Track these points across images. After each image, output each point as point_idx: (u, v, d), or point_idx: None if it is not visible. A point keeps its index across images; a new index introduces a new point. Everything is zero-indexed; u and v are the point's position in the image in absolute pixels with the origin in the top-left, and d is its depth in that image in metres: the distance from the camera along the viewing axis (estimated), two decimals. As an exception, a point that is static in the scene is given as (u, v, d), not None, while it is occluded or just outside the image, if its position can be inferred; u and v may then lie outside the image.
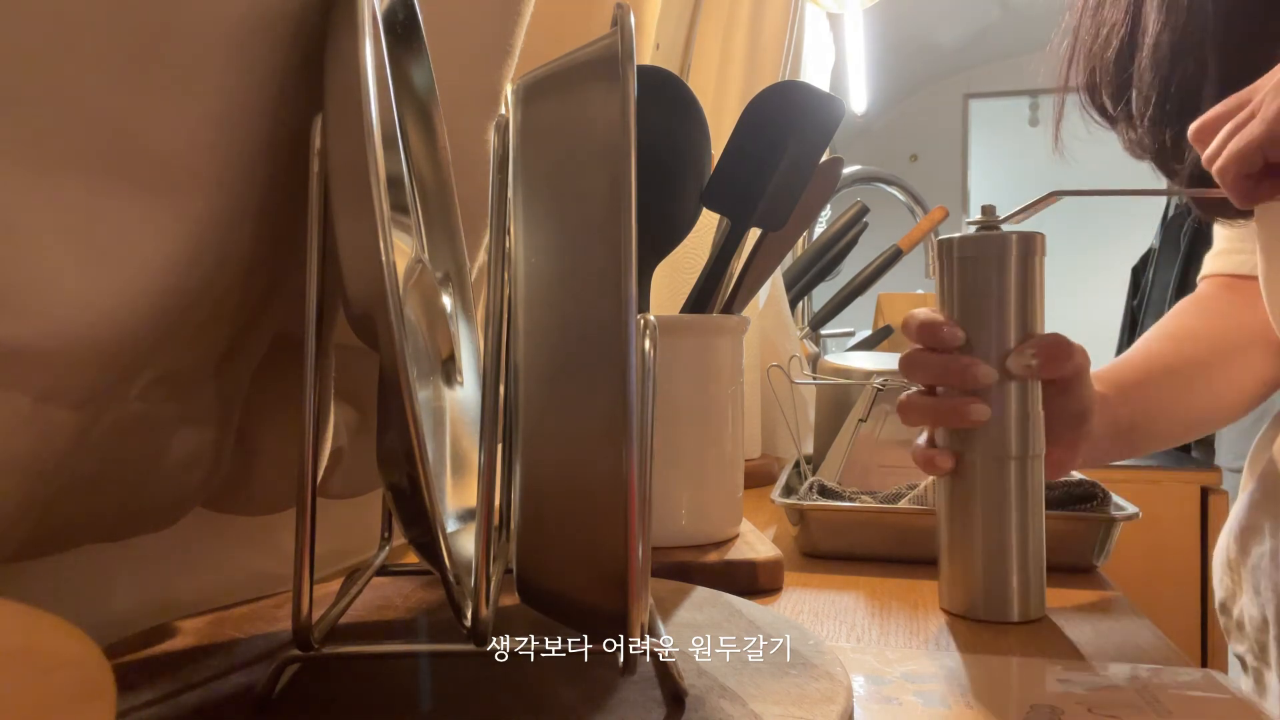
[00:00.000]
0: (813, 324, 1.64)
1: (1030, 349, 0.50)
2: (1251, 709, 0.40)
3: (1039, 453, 0.51)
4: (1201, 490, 1.89)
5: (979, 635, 0.49)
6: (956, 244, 0.52)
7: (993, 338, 0.51)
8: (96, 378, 0.29)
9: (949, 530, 0.53)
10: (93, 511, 0.34)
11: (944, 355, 0.51)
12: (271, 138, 0.32)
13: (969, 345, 0.51)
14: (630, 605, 0.28)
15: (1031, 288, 0.51)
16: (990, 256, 0.51)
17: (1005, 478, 0.51)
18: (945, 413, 0.51)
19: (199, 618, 0.42)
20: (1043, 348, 0.50)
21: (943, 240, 0.53)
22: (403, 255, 0.38)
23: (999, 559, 0.51)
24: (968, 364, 0.50)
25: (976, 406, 0.50)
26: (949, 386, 0.52)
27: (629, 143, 0.29)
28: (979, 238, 0.52)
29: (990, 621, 0.51)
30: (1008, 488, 0.51)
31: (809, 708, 0.32)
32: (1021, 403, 0.51)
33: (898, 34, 3.11)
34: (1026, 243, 0.51)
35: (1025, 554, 0.51)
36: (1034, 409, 0.51)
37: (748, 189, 0.61)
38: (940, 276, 0.53)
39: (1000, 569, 0.51)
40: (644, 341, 0.31)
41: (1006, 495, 0.51)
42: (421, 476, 0.29)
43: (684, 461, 0.61)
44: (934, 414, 0.52)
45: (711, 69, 1.07)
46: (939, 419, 0.52)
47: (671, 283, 0.86)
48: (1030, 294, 0.51)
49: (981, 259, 0.51)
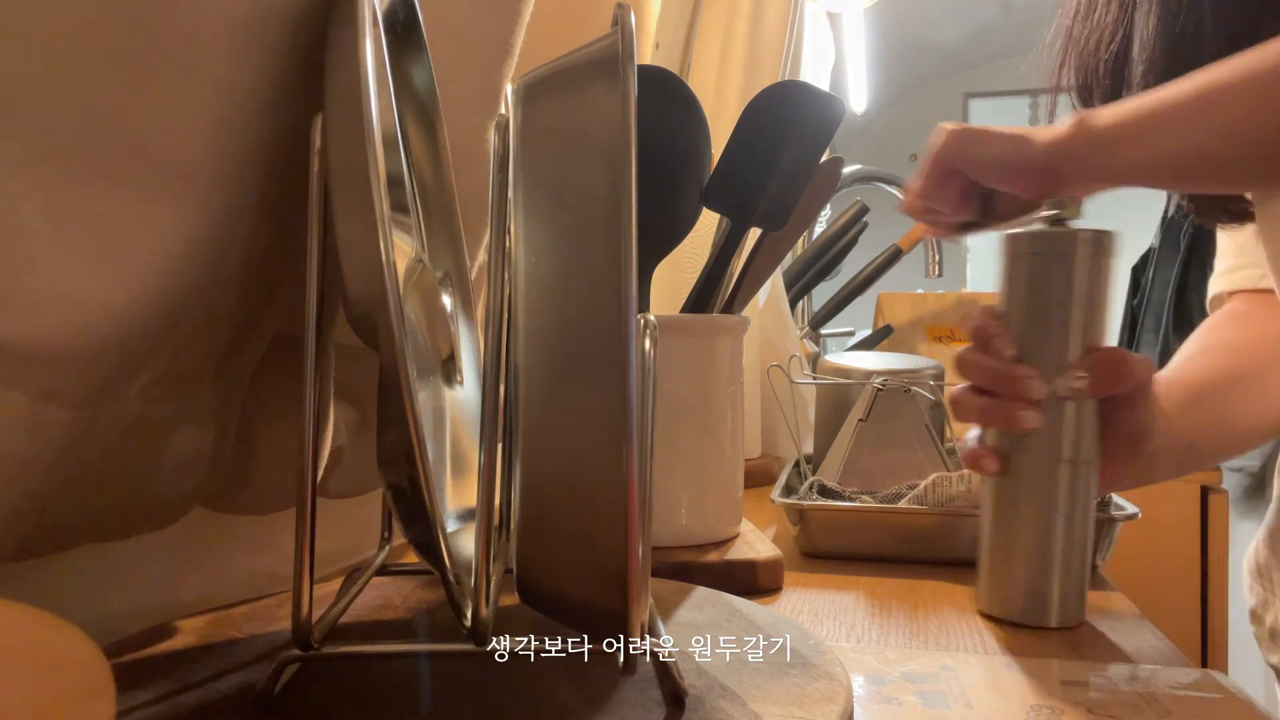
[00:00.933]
0: (813, 323, 1.64)
1: (1080, 370, 0.49)
2: (1251, 709, 0.40)
3: (1091, 459, 0.50)
4: (1201, 490, 1.89)
5: (983, 634, 0.49)
6: (1022, 239, 0.50)
7: (1051, 347, 0.49)
8: (96, 377, 0.29)
9: (993, 532, 0.52)
10: (93, 511, 0.34)
11: (999, 361, 0.50)
12: (271, 138, 0.32)
13: (1025, 350, 0.49)
14: (630, 605, 0.28)
15: (1097, 292, 0.49)
16: (1056, 255, 0.49)
17: (1055, 481, 0.49)
18: (995, 415, 0.50)
19: (199, 618, 0.42)
20: (1095, 367, 0.49)
21: (1010, 235, 0.51)
22: (403, 255, 0.38)
23: (1043, 563, 0.50)
24: (1022, 376, 0.49)
25: (1027, 414, 0.49)
26: (998, 392, 0.50)
27: (629, 143, 0.29)
28: (1047, 234, 0.49)
29: (1028, 626, 0.50)
30: (1057, 491, 0.49)
31: (809, 708, 0.32)
32: (1077, 407, 0.49)
33: (898, 33, 3.11)
34: (1097, 242, 0.49)
35: (1070, 560, 0.50)
36: (1090, 414, 0.49)
37: (747, 189, 0.61)
38: (1003, 273, 0.51)
39: (1043, 574, 0.50)
40: (644, 341, 0.31)
41: (1055, 499, 0.49)
42: (421, 476, 0.29)
43: (684, 461, 0.61)
44: (984, 414, 0.51)
45: (711, 69, 1.07)
46: (988, 420, 0.51)
47: (671, 283, 0.86)
48: (1095, 299, 0.49)
49: (1047, 257, 0.49)
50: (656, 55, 1.01)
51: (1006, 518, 0.51)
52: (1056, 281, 0.49)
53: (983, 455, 0.51)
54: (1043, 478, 0.50)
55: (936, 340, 1.44)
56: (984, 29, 3.60)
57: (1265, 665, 0.73)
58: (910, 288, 1.57)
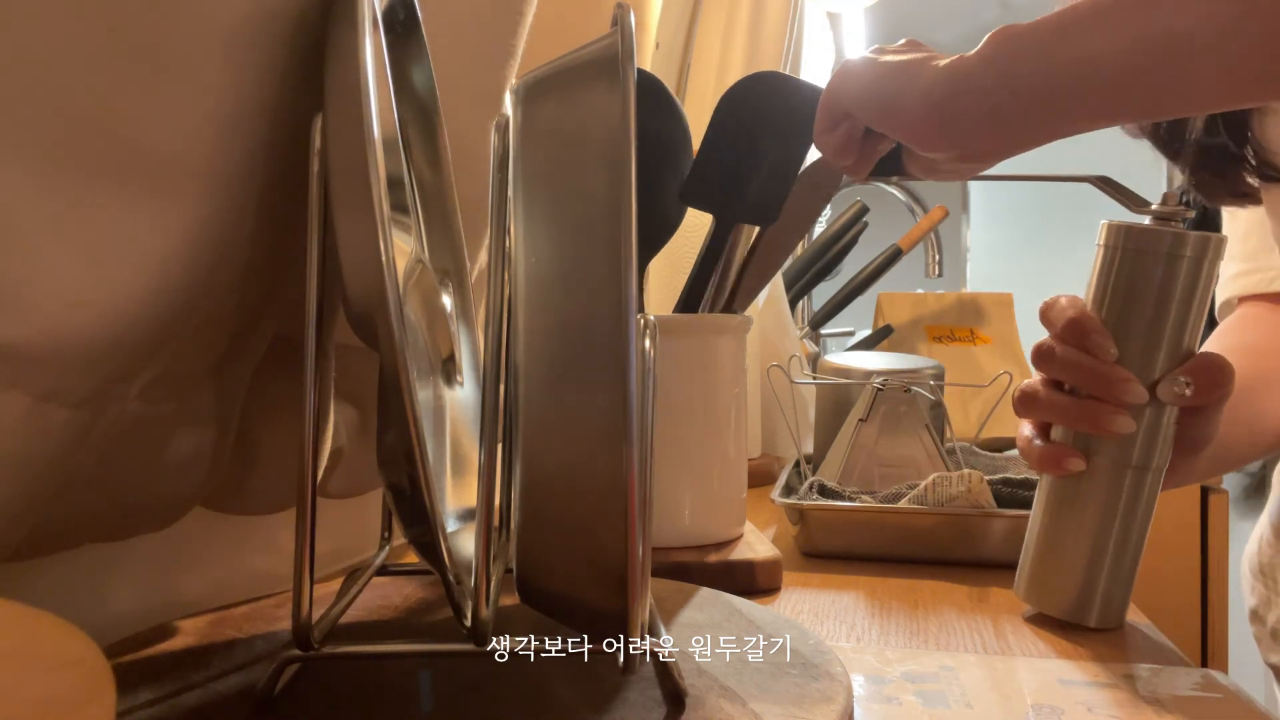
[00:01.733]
0: (813, 324, 1.64)
1: (1185, 376, 0.46)
2: (1252, 709, 0.40)
3: (1162, 465, 0.48)
4: (1202, 490, 1.89)
5: (983, 634, 0.49)
6: (1125, 232, 0.47)
7: (1144, 350, 0.47)
8: (96, 378, 0.29)
9: (1050, 526, 0.50)
10: (93, 511, 0.34)
11: (1093, 359, 0.47)
12: (271, 138, 0.31)
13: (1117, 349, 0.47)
14: (630, 605, 0.28)
15: (1194, 298, 0.46)
16: (1159, 254, 0.46)
17: (1123, 486, 0.48)
18: (1085, 416, 0.47)
19: (199, 618, 0.42)
20: (1199, 374, 0.46)
21: (1112, 225, 0.48)
22: (403, 255, 0.38)
23: (1098, 565, 0.49)
24: (1123, 380, 0.46)
25: (1124, 419, 0.46)
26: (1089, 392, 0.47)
27: (629, 143, 0.29)
28: (1150, 230, 0.47)
29: (1068, 623, 0.50)
30: (1123, 496, 0.48)
31: (809, 708, 0.32)
32: (1157, 412, 0.47)
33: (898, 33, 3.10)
34: (1201, 245, 0.46)
35: (1126, 565, 0.49)
36: (1168, 421, 0.48)
37: (728, 184, 0.60)
38: (1098, 265, 0.49)
39: (1096, 575, 0.49)
40: (644, 341, 0.31)
41: (1119, 504, 0.48)
42: (422, 476, 0.29)
43: (688, 462, 0.61)
44: (1071, 414, 0.48)
45: (711, 69, 1.07)
46: (1075, 420, 0.48)
47: (671, 283, 0.86)
48: (1192, 305, 0.46)
49: (1149, 254, 0.46)
50: (656, 55, 1.01)
51: (1068, 516, 0.49)
52: (1161, 283, 0.46)
53: (1066, 455, 0.48)
54: (1112, 482, 0.48)
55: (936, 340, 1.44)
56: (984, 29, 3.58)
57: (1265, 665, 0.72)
58: (910, 288, 1.56)
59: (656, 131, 0.59)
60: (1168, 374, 0.47)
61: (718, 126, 0.59)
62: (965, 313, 1.47)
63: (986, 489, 0.65)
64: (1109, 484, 0.48)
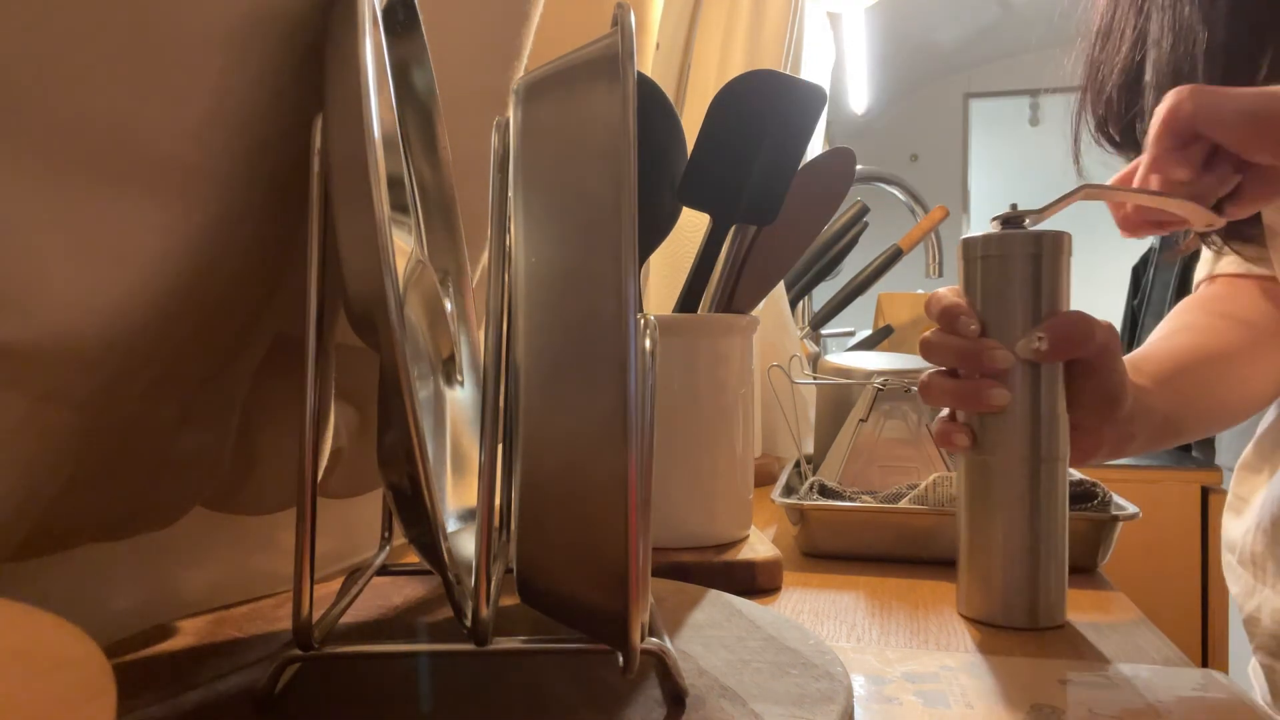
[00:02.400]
0: (813, 324, 1.64)
1: (1039, 331, 0.48)
2: (1252, 709, 0.40)
3: (1062, 455, 0.50)
4: (1201, 490, 1.90)
5: (983, 634, 0.49)
6: (980, 243, 0.51)
7: (1012, 331, 0.49)
8: (96, 378, 0.29)
9: (968, 534, 0.52)
10: (93, 511, 0.34)
11: (963, 339, 0.50)
12: (271, 138, 0.31)
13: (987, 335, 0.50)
14: (630, 605, 0.28)
15: (1057, 288, 0.49)
16: (1013, 255, 0.49)
17: (1025, 480, 0.49)
18: (965, 394, 0.50)
19: (199, 618, 0.42)
20: (1053, 328, 0.48)
21: (967, 240, 0.51)
22: (403, 255, 0.38)
23: (1018, 565, 0.50)
24: (986, 347, 0.49)
25: (997, 391, 0.49)
26: (968, 370, 0.51)
27: (629, 143, 0.29)
28: (1002, 236, 0.50)
29: (1008, 628, 0.50)
30: (1027, 491, 0.49)
31: (809, 708, 0.32)
32: (1046, 401, 0.49)
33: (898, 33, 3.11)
34: (1053, 242, 0.49)
35: (1045, 559, 0.50)
36: (1058, 408, 0.50)
37: (725, 183, 0.60)
38: (963, 276, 0.52)
39: (1018, 575, 0.50)
40: (644, 341, 0.31)
41: (1025, 498, 0.49)
42: (422, 476, 0.29)
43: (695, 463, 0.61)
44: (954, 395, 0.51)
45: (711, 69, 1.07)
46: (959, 400, 0.51)
47: (671, 283, 0.86)
48: (1055, 293, 0.49)
49: (1004, 258, 0.50)
50: (657, 55, 1.01)
51: (980, 520, 0.51)
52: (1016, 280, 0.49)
53: (954, 431, 0.51)
54: (1013, 478, 0.50)
55: (937, 340, 1.45)
56: (984, 29, 3.60)
57: None
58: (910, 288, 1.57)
59: (649, 129, 0.59)
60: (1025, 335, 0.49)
61: (712, 126, 0.59)
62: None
63: (987, 489, 0.65)
64: (1014, 480, 0.49)
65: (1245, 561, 0.71)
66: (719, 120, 0.59)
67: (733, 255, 0.63)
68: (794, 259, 0.69)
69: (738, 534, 0.62)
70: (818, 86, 0.61)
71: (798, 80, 0.61)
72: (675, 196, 0.60)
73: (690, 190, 0.60)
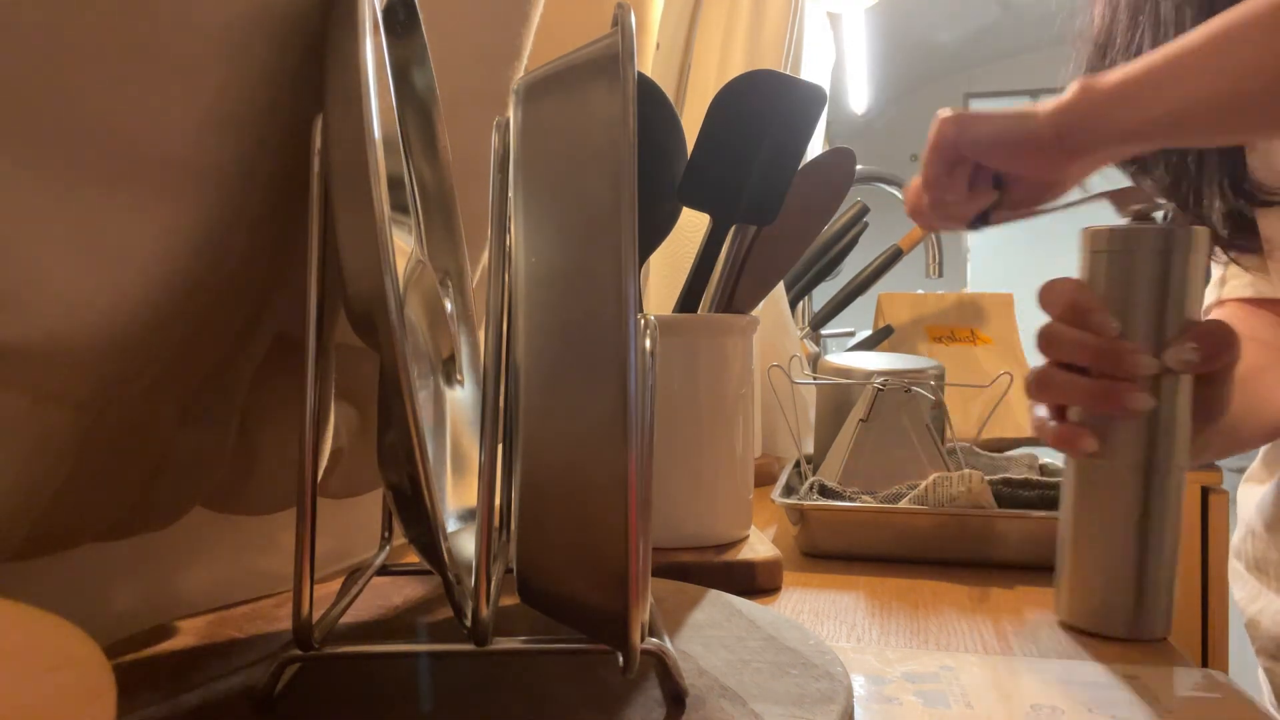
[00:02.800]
0: (813, 324, 1.64)
1: (1189, 340, 0.45)
2: (1252, 709, 0.40)
3: (1182, 465, 0.47)
4: (1202, 490, 1.89)
5: (983, 634, 0.49)
6: (1105, 236, 0.48)
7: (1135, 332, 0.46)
8: (96, 378, 0.29)
9: (1073, 539, 0.50)
10: (93, 511, 0.34)
11: (1099, 337, 0.46)
12: (271, 138, 0.31)
13: None
14: (630, 605, 0.28)
15: (1187, 286, 0.46)
16: (1142, 252, 0.46)
17: (1140, 488, 0.47)
18: (1102, 395, 0.46)
19: (199, 618, 0.42)
20: (1204, 339, 0.46)
21: (1093, 231, 0.48)
22: (403, 255, 0.38)
23: (1124, 576, 0.48)
24: (1128, 350, 0.45)
25: (1142, 395, 0.45)
26: (1100, 370, 0.47)
27: (630, 143, 0.29)
28: (1128, 231, 0.47)
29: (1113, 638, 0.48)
30: (1142, 499, 0.47)
31: (809, 708, 0.32)
32: (1179, 409, 0.46)
33: (898, 33, 3.11)
34: (1185, 239, 0.46)
35: (1154, 572, 0.47)
36: (1183, 416, 0.47)
37: (725, 183, 0.60)
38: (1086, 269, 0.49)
39: (1124, 586, 0.48)
40: (644, 341, 0.31)
41: (1140, 507, 0.47)
42: (422, 476, 0.29)
43: (695, 463, 0.61)
44: (1088, 394, 0.47)
45: (711, 69, 1.07)
46: (1093, 400, 0.47)
47: (671, 283, 0.86)
48: (1186, 292, 0.46)
49: (1133, 254, 0.47)
50: (657, 55, 1.01)
51: (1090, 526, 0.48)
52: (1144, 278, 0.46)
53: (1081, 434, 0.47)
54: (1130, 485, 0.47)
55: (937, 340, 1.44)
56: (984, 29, 3.60)
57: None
58: (910, 288, 1.56)
59: (649, 130, 0.59)
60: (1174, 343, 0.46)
61: (712, 126, 0.59)
62: (966, 313, 1.47)
63: (987, 489, 0.65)
64: (1131, 486, 0.47)
65: (1251, 567, 0.71)
66: (719, 120, 0.59)
67: (733, 255, 0.63)
68: (794, 259, 0.69)
69: (738, 534, 0.62)
70: (818, 86, 0.61)
71: (798, 80, 0.61)
72: (675, 196, 0.60)
73: (690, 190, 0.60)
